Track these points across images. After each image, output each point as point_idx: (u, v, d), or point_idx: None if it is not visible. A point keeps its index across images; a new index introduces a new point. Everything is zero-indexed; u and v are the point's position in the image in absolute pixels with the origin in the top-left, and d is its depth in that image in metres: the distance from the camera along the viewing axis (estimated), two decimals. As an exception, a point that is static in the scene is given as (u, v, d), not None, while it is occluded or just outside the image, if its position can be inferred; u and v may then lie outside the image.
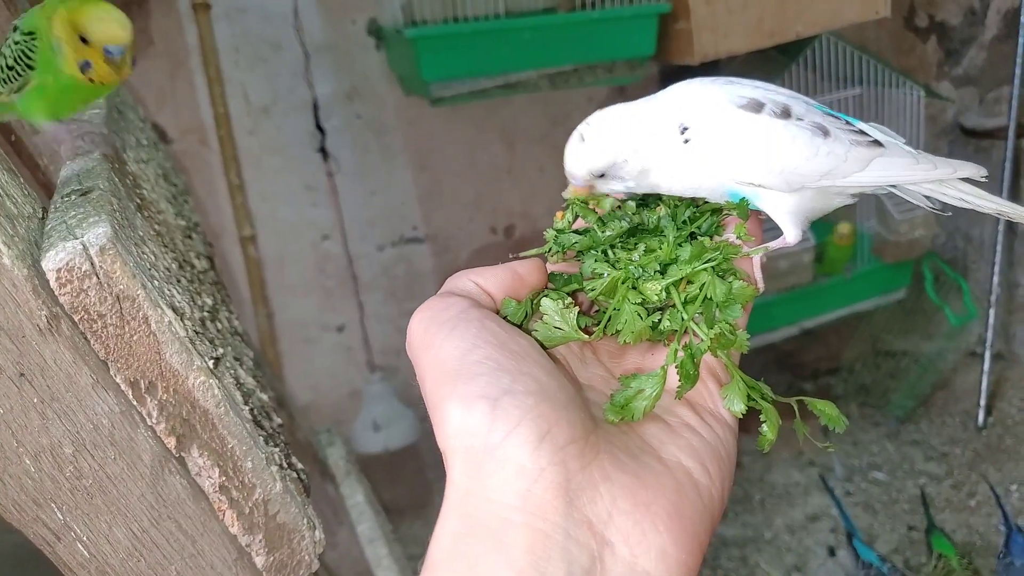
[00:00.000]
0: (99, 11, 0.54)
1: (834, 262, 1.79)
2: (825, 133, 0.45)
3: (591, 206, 0.47)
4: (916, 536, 1.69)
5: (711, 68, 1.74)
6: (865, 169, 0.45)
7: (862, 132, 0.46)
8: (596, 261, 0.43)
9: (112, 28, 0.54)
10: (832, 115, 0.46)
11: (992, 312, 1.90)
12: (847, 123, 0.46)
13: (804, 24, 1.54)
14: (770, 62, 1.66)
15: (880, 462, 1.91)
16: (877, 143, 0.45)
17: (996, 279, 1.89)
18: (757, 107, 0.45)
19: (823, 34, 1.60)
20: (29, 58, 0.56)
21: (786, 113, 0.45)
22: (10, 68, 0.57)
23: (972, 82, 2.01)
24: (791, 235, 0.46)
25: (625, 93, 1.90)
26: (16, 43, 0.57)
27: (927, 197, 0.47)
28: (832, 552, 1.68)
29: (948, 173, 0.45)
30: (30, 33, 0.55)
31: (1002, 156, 1.85)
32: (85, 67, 0.55)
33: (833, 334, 2.05)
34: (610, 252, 0.44)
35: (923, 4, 2.00)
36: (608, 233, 0.44)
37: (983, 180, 0.45)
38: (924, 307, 2.00)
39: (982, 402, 1.94)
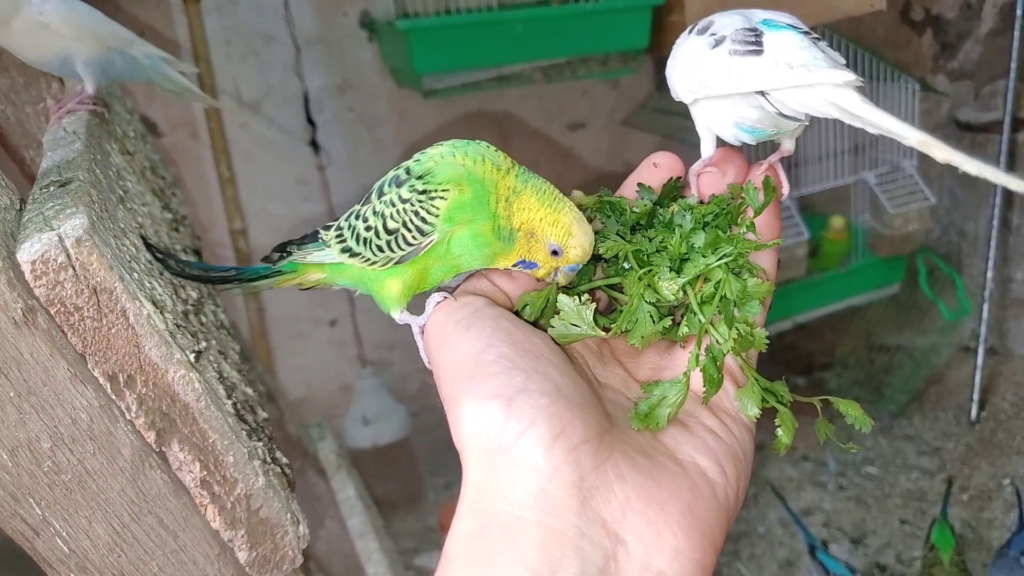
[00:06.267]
0: (582, 232, 0.41)
1: (829, 257, 1.78)
2: (717, 43, 0.43)
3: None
4: (908, 530, 1.70)
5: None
6: (728, 75, 0.43)
7: (756, 41, 0.43)
8: (613, 241, 0.43)
9: (588, 251, 0.42)
10: (753, 28, 0.44)
11: (986, 307, 1.90)
12: (754, 31, 0.43)
13: (799, 17, 1.53)
14: (764, 55, 1.65)
15: (873, 456, 1.91)
16: (757, 51, 0.42)
17: (990, 274, 1.89)
18: (703, 31, 0.45)
19: (818, 27, 1.59)
20: (427, 222, 0.42)
21: (718, 36, 0.44)
22: (391, 232, 0.43)
23: (968, 76, 2.01)
24: (704, 150, 0.46)
25: (619, 86, 1.89)
26: (405, 201, 0.42)
27: (804, 111, 0.42)
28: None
29: (807, 78, 0.40)
30: (426, 191, 0.42)
31: (997, 150, 1.84)
32: (524, 265, 0.42)
33: (827, 328, 2.04)
34: (627, 235, 0.44)
35: (918, -2, 2.00)
36: (635, 211, 0.44)
37: (860, 84, 0.40)
38: (918, 302, 2.00)
39: (975, 397, 1.94)
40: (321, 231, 0.48)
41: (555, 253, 0.42)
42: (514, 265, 0.43)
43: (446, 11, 1.43)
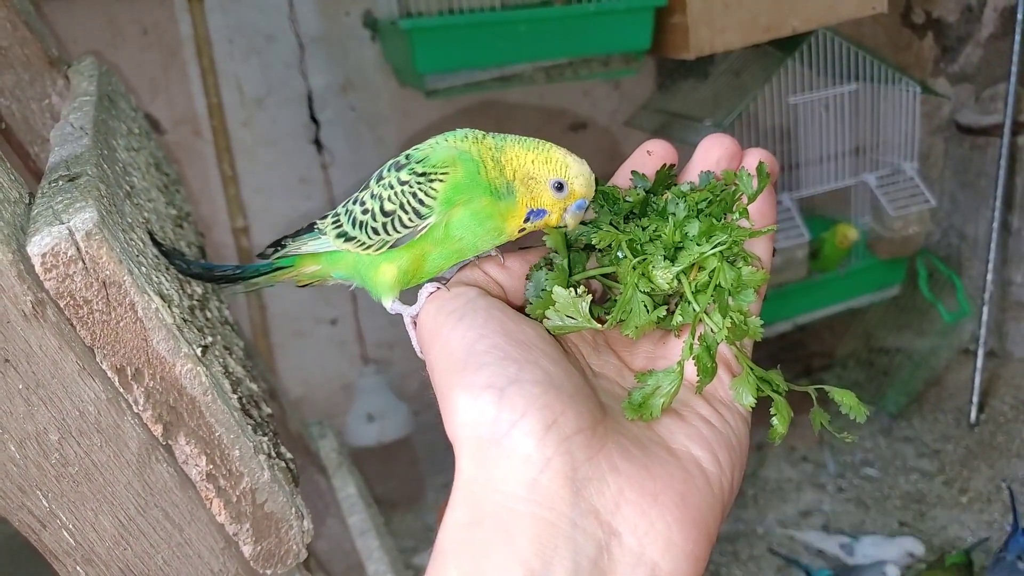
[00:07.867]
0: (578, 164, 0.43)
1: (830, 259, 1.79)
2: None
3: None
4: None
5: (707, 62, 1.73)
6: None
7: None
8: (607, 231, 0.43)
9: (590, 181, 0.43)
10: None
11: (985, 309, 1.91)
12: None
13: (800, 19, 1.54)
14: (766, 57, 1.66)
15: (873, 458, 1.91)
16: None
17: (990, 276, 1.90)
18: None
19: (820, 29, 1.59)
20: (425, 204, 0.42)
21: None
22: (387, 214, 0.43)
23: (968, 79, 2.01)
24: None
25: (621, 86, 1.90)
26: (404, 183, 0.43)
27: None
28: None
29: None
30: (425, 173, 0.42)
31: (997, 154, 1.85)
32: (535, 216, 0.43)
33: (827, 330, 2.05)
34: (621, 224, 0.43)
35: (920, 0, 2.00)
36: (628, 200, 0.44)
37: None
38: (918, 304, 2.00)
39: (974, 399, 1.94)
40: (317, 222, 0.49)
41: (559, 188, 0.42)
42: (524, 220, 0.43)
43: (449, 11, 1.43)
